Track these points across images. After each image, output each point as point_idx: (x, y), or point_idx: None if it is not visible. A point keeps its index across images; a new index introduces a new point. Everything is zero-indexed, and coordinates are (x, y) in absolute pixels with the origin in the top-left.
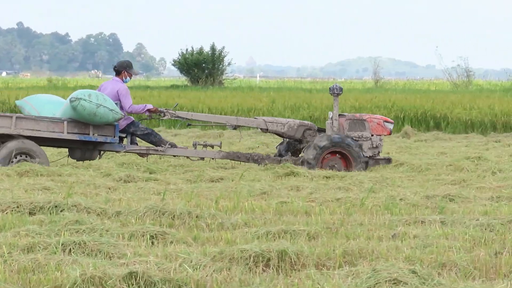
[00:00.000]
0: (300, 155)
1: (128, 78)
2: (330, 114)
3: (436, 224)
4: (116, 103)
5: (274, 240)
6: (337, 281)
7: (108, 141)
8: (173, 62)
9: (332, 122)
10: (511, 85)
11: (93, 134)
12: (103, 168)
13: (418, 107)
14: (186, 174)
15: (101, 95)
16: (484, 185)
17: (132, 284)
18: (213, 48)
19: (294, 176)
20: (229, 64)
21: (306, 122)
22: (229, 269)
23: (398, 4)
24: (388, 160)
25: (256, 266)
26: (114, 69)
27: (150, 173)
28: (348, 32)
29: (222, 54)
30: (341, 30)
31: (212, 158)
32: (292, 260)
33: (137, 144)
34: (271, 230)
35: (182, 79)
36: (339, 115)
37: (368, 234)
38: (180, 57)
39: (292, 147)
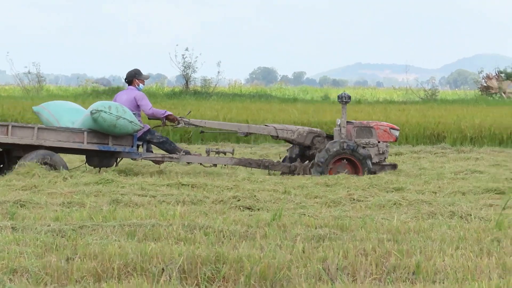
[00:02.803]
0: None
1: (141, 85)
2: (338, 121)
3: (7, 230)
4: (134, 113)
5: None
6: None
7: (126, 150)
8: None
9: (340, 129)
10: (82, 90)
11: (112, 145)
12: None
13: None
14: None
15: (121, 107)
16: (56, 191)
17: None
18: None
19: None
20: None
21: (315, 129)
22: None
23: None
24: (394, 166)
25: None
26: (125, 81)
27: None
28: None
29: None
30: None
31: (225, 165)
32: None
33: (152, 152)
34: None
35: None
36: (347, 122)
37: None
38: None
39: (302, 152)
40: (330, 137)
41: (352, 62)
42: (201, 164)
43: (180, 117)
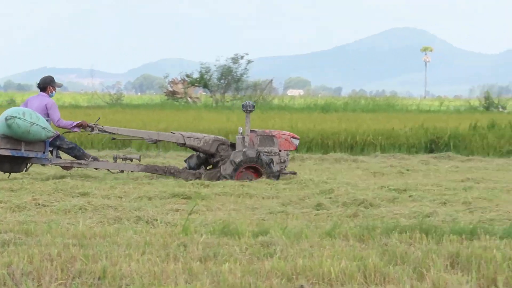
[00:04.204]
0: (211, 168)
1: (54, 92)
2: (240, 129)
3: None
4: (47, 120)
5: None
6: None
7: (38, 156)
8: None
9: (243, 137)
10: None
11: (25, 150)
12: None
13: None
14: None
15: (35, 114)
16: None
17: None
18: None
19: None
20: None
21: (220, 137)
22: None
23: None
24: (294, 174)
25: None
26: (39, 87)
27: None
28: None
29: None
30: None
31: (131, 171)
32: None
33: (61, 158)
34: None
35: None
36: (250, 130)
37: None
38: None
39: (202, 160)
40: (234, 145)
41: (38, 66)
42: (108, 170)
43: (94, 124)
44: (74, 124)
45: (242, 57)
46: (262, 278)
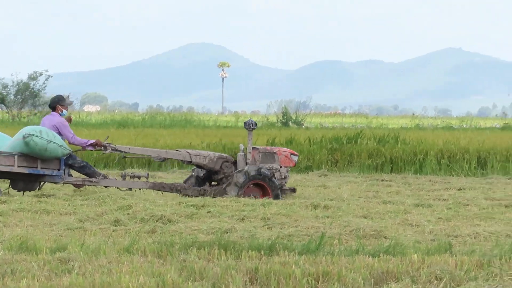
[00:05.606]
0: (218, 185)
1: (64, 111)
2: (241, 146)
3: None
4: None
5: None
6: None
7: (54, 174)
8: None
9: (245, 154)
10: None
11: (41, 168)
12: None
13: None
14: None
15: (51, 132)
16: None
17: None
18: None
19: None
20: None
21: (224, 154)
22: None
23: None
24: (294, 190)
25: None
26: (50, 107)
27: None
28: None
29: None
30: None
31: (140, 188)
32: None
33: (72, 176)
34: None
35: None
36: (252, 148)
37: None
38: None
39: (200, 181)
40: (236, 162)
41: None
42: (118, 188)
43: (107, 143)
44: (89, 143)
45: (41, 74)
46: None
